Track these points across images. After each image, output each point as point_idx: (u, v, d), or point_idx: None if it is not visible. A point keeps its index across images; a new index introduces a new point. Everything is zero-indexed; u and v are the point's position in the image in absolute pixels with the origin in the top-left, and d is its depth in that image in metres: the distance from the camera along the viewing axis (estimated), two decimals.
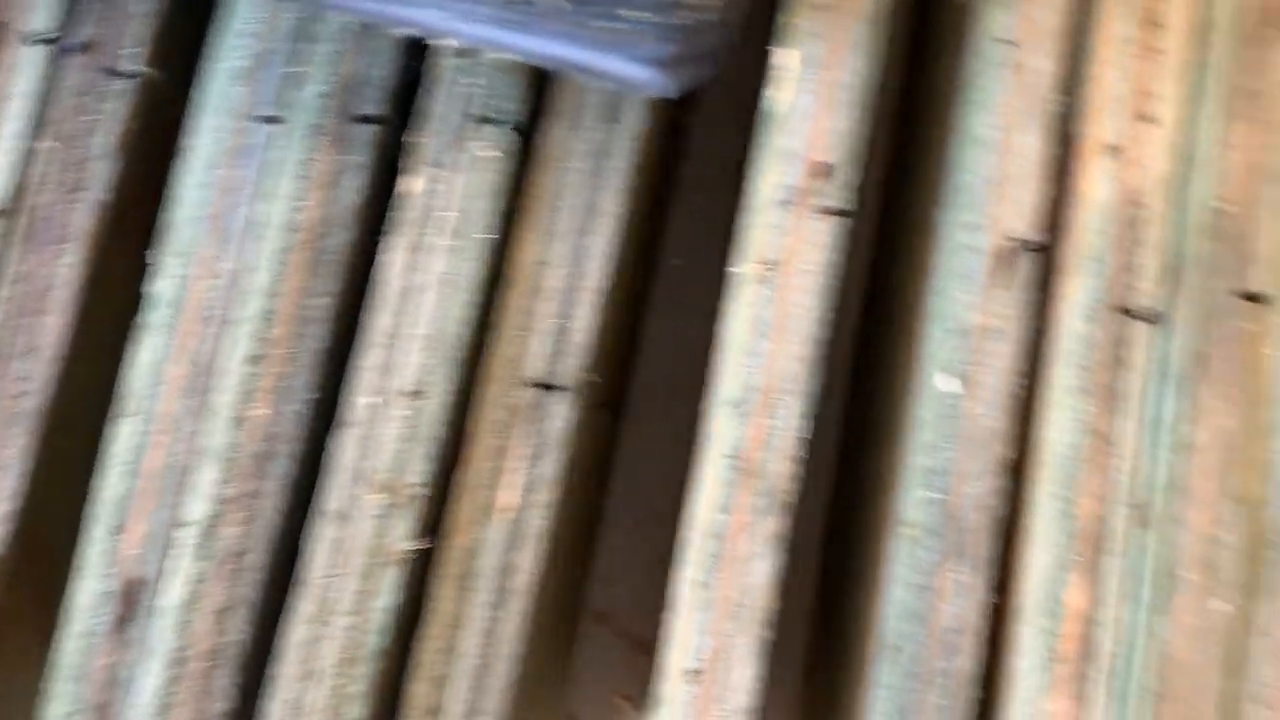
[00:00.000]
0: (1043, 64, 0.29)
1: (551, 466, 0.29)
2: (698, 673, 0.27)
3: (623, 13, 0.21)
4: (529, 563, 0.29)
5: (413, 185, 0.29)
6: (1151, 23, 0.29)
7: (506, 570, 0.29)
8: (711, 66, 0.24)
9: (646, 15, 0.21)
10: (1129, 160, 0.28)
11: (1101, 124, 0.29)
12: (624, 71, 0.23)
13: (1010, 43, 0.29)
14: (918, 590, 0.28)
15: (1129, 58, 0.29)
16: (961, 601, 0.28)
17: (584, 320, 0.29)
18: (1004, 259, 0.28)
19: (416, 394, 0.29)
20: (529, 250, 0.29)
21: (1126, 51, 0.29)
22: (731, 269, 0.29)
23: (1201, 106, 0.28)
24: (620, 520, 0.42)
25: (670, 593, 0.28)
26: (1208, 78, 0.29)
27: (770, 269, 0.29)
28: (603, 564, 0.42)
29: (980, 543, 0.28)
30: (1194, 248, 0.28)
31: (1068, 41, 0.29)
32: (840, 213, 0.29)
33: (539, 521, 0.29)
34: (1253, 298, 0.28)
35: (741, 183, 0.29)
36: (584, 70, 0.23)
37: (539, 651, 0.33)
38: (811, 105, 0.29)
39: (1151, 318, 0.28)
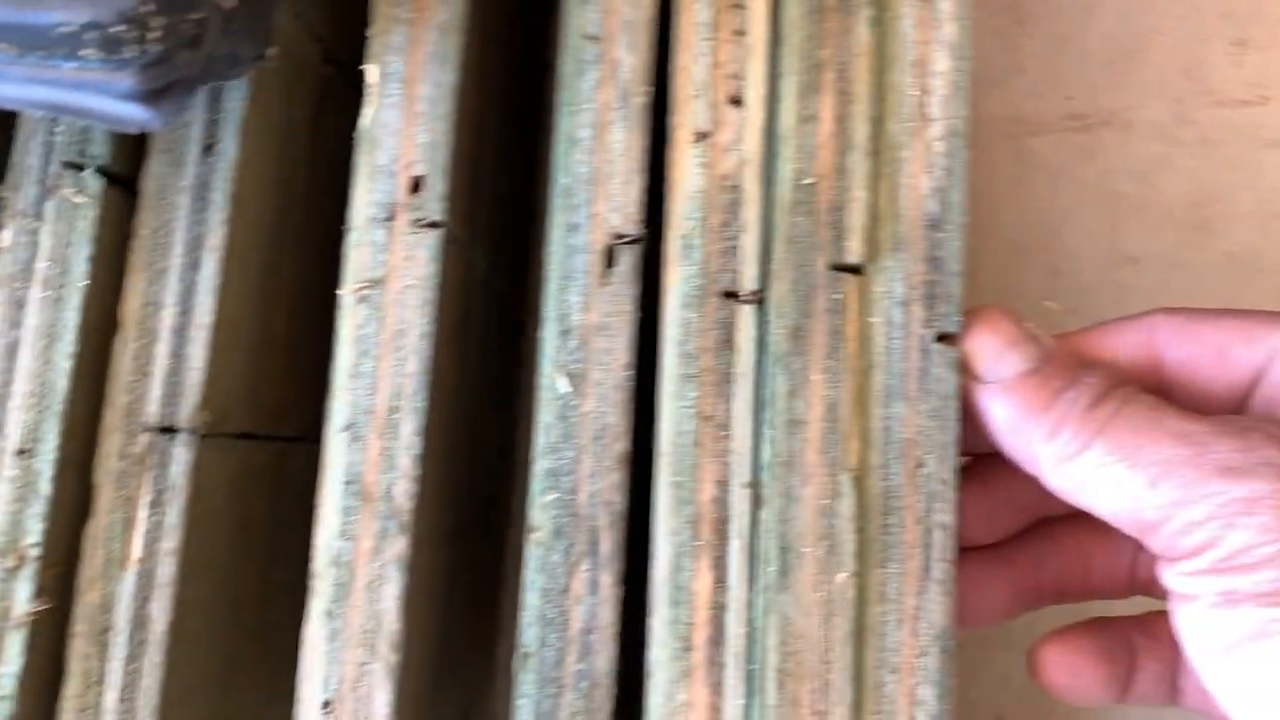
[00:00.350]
0: (629, 57, 0.29)
1: (178, 512, 0.28)
2: (330, 704, 0.27)
3: (83, 53, 0.20)
4: (162, 613, 0.28)
5: (4, 240, 0.29)
6: (732, 5, 0.29)
7: (140, 622, 0.28)
8: (201, 85, 0.24)
9: (99, 54, 0.20)
10: (719, 145, 0.28)
11: (690, 111, 0.29)
12: (111, 110, 0.22)
13: (596, 38, 0.29)
14: (551, 594, 0.27)
15: (712, 42, 0.29)
16: (593, 600, 0.27)
17: (199, 359, 0.29)
18: (606, 256, 0.28)
19: (25, 453, 0.28)
20: (136, 293, 0.29)
21: (709, 36, 0.29)
22: (338, 291, 0.29)
23: (784, 83, 0.29)
24: None
25: (303, 627, 0.28)
26: (787, 54, 0.29)
27: (372, 288, 0.28)
28: None
29: (608, 540, 0.28)
30: (788, 225, 0.28)
31: (653, 32, 0.29)
32: (435, 225, 0.28)
33: (169, 569, 0.28)
34: (847, 269, 0.28)
35: None
36: (78, 113, 0.23)
37: (229, 700, 0.33)
38: (398, 120, 0.29)
39: (752, 299, 0.28)
